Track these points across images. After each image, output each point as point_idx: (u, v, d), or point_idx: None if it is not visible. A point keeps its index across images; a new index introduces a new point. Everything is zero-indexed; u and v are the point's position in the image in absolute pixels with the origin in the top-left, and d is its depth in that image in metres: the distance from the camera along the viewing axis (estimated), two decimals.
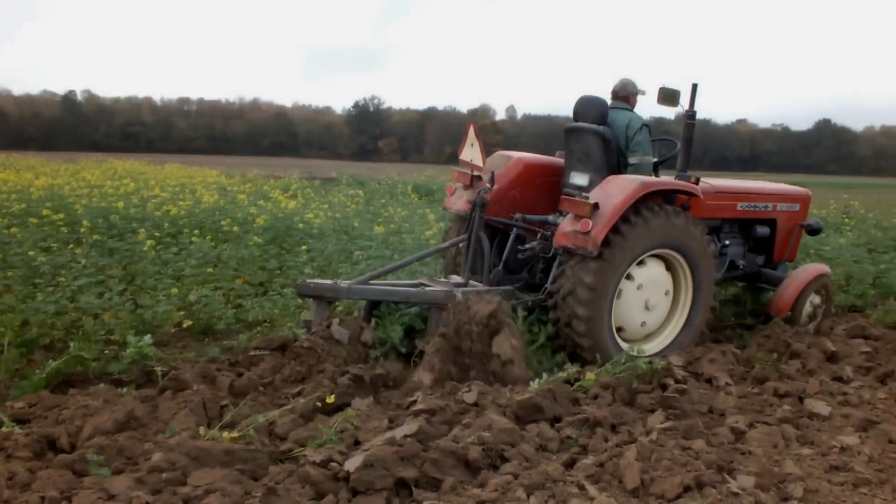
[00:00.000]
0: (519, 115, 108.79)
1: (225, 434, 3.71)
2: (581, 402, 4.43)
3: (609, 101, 6.27)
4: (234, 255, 7.90)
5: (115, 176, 15.94)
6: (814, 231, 7.71)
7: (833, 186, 35.38)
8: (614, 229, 5.34)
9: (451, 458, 3.50)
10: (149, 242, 7.82)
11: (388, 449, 3.41)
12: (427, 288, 5.55)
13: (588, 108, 6.16)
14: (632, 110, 6.30)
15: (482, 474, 3.47)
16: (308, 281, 5.33)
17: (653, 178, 5.90)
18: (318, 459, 3.39)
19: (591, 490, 3.29)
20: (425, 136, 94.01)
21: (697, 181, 6.18)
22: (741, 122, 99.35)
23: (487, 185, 5.96)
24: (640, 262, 5.69)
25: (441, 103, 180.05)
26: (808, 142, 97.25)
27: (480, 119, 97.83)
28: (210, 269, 7.26)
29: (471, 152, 6.08)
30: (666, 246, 5.71)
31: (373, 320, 5.55)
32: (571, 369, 4.85)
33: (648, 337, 6.01)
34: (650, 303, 5.80)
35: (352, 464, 3.31)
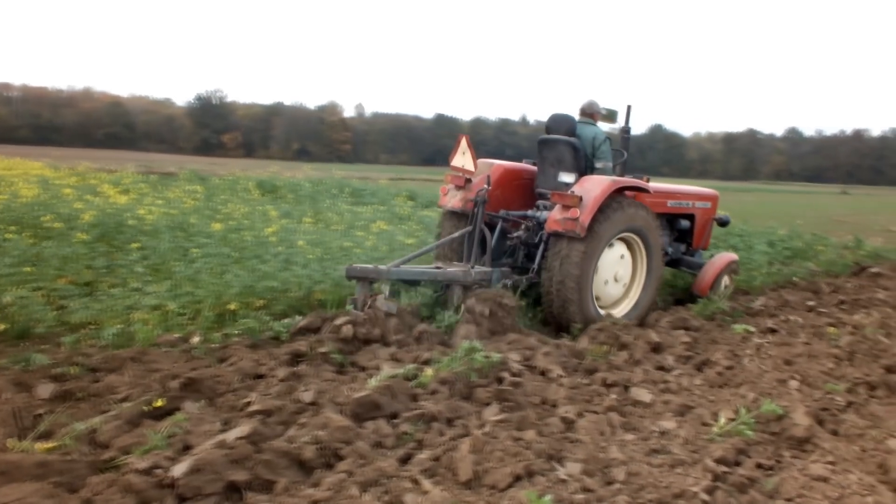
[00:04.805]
0: (367, 112, 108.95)
1: (38, 445, 3.45)
2: (420, 398, 4.46)
3: (577, 117, 7.73)
4: (57, 253, 7.34)
5: None
6: (723, 223, 9.45)
7: None
8: (595, 215, 6.65)
9: (284, 458, 3.43)
10: None
11: (217, 452, 3.29)
12: (448, 269, 6.76)
13: (559, 123, 7.58)
14: (595, 125, 7.76)
15: (316, 474, 3.42)
16: (355, 265, 6.24)
17: (619, 178, 7.28)
18: (143, 467, 3.23)
19: (426, 484, 3.32)
20: (272, 132, 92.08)
21: (648, 181, 7.71)
22: None
23: (486, 185, 7.26)
24: (610, 245, 7.04)
25: (288, 98, 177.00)
26: (642, 145, 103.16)
27: (329, 116, 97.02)
28: (28, 268, 6.72)
29: (462, 159, 7.46)
30: (630, 230, 7.15)
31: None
32: (410, 366, 4.88)
33: (617, 302, 7.44)
34: (618, 275, 7.26)
35: (179, 469, 3.17)
